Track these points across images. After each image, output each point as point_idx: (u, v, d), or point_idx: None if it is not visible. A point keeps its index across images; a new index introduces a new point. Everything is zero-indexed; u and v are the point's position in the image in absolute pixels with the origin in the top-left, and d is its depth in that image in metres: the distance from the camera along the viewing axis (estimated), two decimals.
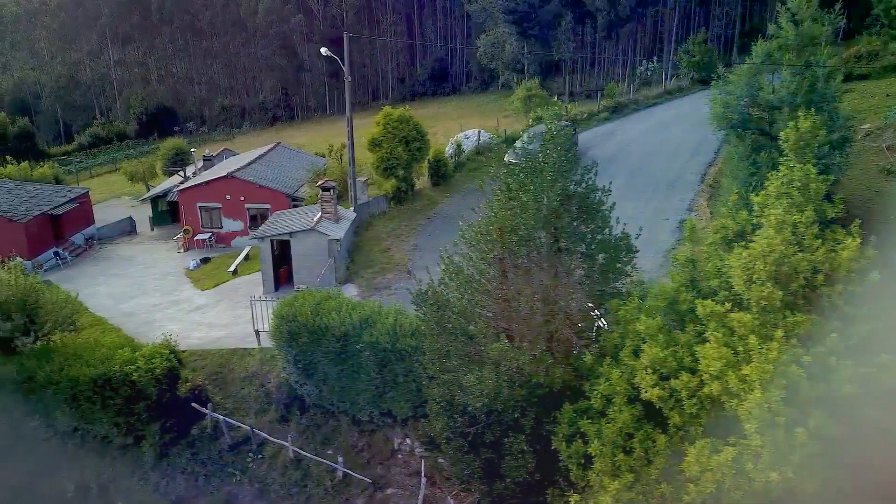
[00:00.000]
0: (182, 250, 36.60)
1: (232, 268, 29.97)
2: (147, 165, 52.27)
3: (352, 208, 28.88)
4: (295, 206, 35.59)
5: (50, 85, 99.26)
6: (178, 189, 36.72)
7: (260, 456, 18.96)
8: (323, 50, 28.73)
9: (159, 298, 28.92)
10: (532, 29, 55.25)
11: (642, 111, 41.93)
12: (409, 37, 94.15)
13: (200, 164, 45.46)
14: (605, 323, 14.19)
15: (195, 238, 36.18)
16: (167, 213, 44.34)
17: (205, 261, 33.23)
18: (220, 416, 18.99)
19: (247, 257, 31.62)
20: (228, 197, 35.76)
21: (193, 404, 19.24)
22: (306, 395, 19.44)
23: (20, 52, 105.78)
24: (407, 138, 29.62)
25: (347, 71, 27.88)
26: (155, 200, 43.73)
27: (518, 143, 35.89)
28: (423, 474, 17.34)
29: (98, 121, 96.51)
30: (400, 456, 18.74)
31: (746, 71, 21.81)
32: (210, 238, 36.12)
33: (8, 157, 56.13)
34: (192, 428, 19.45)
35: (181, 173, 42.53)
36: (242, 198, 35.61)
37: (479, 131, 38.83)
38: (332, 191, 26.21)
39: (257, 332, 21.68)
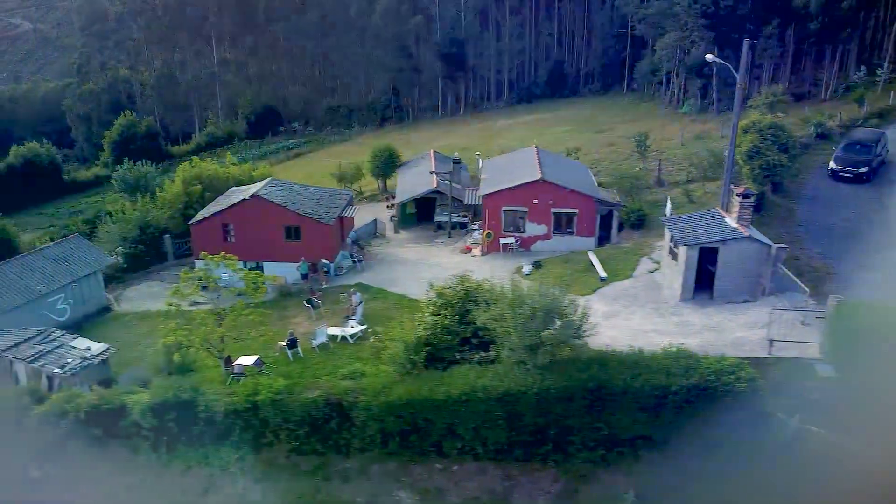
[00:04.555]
0: (479, 254, 36.53)
1: (603, 274, 29.86)
2: (354, 167, 52.24)
3: None
4: (602, 213, 35.65)
5: (149, 84, 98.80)
6: (484, 194, 36.53)
7: None
8: (709, 56, 28.58)
9: None
10: (729, 33, 55.08)
11: None
12: (524, 39, 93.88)
13: (427, 165, 45.74)
14: None
15: (500, 242, 36.06)
16: (414, 214, 44.50)
17: (536, 265, 33.12)
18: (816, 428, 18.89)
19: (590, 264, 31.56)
20: (536, 201, 35.60)
21: (779, 414, 19.15)
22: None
23: (120, 52, 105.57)
24: (786, 145, 29.60)
25: (740, 78, 27.72)
26: (403, 203, 43.86)
27: (838, 152, 36.06)
28: None
29: (211, 120, 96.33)
30: None
31: None
32: (515, 242, 35.99)
33: (197, 159, 55.75)
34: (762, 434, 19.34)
35: (440, 175, 42.40)
36: (551, 202, 35.46)
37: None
38: (752, 198, 26.09)
39: (771, 342, 21.61)
